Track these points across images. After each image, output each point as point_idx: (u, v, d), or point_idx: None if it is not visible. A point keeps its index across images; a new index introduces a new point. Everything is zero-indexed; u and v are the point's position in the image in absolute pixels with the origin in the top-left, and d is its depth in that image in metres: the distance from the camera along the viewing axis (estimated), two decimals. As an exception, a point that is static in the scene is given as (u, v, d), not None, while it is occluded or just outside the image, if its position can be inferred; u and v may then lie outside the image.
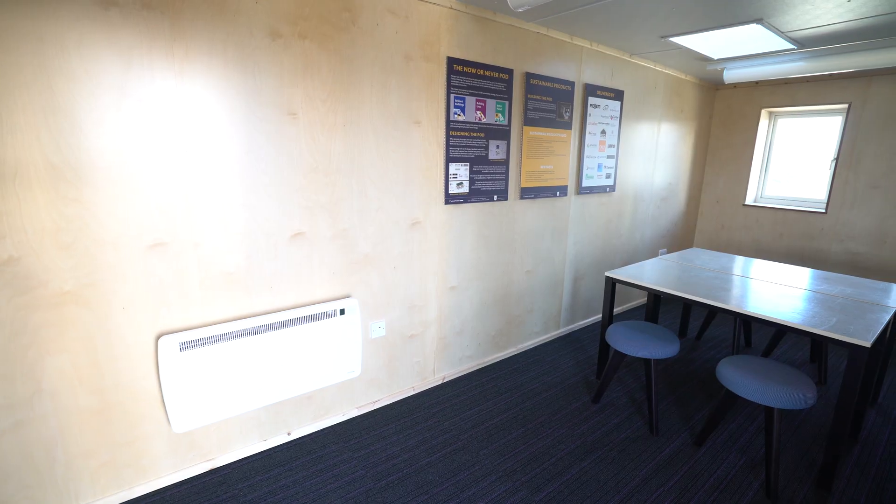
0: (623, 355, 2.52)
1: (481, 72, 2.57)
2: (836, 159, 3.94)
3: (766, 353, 3.27)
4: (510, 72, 2.70)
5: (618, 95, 3.49)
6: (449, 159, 2.54)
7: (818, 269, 4.11)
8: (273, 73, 1.86)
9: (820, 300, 2.31)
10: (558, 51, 2.98)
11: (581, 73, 3.17)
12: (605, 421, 2.48)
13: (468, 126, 2.58)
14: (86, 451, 1.70)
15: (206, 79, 1.71)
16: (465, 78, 2.50)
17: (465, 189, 2.65)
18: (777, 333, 3.24)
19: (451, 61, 2.42)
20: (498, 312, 3.08)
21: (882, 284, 2.65)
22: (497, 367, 3.07)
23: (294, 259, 2.08)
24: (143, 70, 1.58)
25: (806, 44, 2.93)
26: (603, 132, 3.46)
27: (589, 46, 3.16)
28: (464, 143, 2.58)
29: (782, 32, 2.69)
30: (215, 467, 2.03)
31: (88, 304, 1.62)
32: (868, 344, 1.78)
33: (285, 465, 2.06)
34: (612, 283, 2.76)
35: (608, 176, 3.63)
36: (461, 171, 2.61)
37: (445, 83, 2.44)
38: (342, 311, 2.21)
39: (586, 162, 3.39)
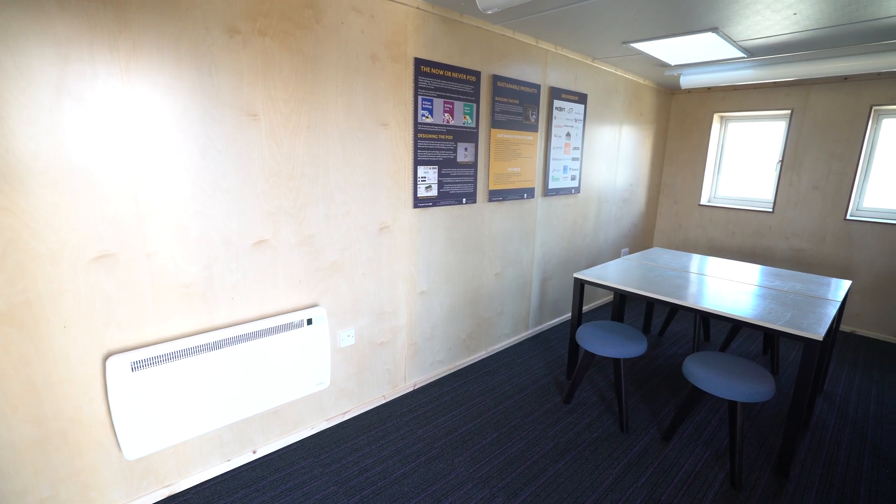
0: (593, 355, 2.55)
1: (449, 73, 2.54)
2: (781, 161, 4.19)
3: (724, 347, 3.43)
4: (478, 74, 2.69)
5: (581, 99, 3.56)
6: (417, 162, 2.49)
7: (767, 265, 4.36)
8: (231, 71, 1.75)
9: (774, 296, 2.44)
10: (524, 54, 2.99)
11: (546, 76, 3.20)
12: (577, 421, 2.51)
13: (436, 128, 2.54)
14: (21, 489, 1.54)
15: (156, 76, 1.58)
16: (433, 79, 2.46)
17: (434, 192, 2.61)
18: (733, 328, 3.41)
19: (419, 62, 2.38)
20: (468, 316, 3.06)
21: (826, 279, 2.83)
22: (468, 370, 3.05)
23: (257, 268, 1.97)
24: (83, 65, 1.44)
25: (755, 52, 3.10)
26: (568, 135, 3.51)
27: (554, 50, 3.19)
28: (432, 145, 2.54)
29: (735, 41, 2.83)
30: (174, 493, 1.89)
31: (22, 323, 1.46)
32: (821, 337, 1.89)
33: (251, 486, 1.95)
34: (580, 285, 2.79)
35: (573, 178, 3.69)
36: (430, 174, 2.57)
37: (413, 85, 2.39)
38: (309, 321, 2.11)
39: (552, 164, 3.43)
